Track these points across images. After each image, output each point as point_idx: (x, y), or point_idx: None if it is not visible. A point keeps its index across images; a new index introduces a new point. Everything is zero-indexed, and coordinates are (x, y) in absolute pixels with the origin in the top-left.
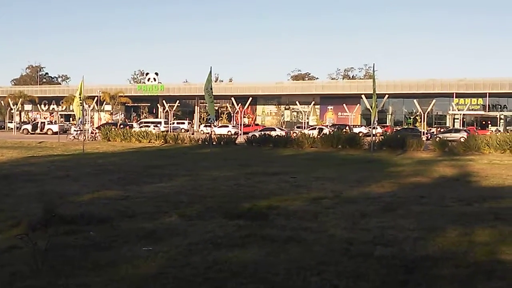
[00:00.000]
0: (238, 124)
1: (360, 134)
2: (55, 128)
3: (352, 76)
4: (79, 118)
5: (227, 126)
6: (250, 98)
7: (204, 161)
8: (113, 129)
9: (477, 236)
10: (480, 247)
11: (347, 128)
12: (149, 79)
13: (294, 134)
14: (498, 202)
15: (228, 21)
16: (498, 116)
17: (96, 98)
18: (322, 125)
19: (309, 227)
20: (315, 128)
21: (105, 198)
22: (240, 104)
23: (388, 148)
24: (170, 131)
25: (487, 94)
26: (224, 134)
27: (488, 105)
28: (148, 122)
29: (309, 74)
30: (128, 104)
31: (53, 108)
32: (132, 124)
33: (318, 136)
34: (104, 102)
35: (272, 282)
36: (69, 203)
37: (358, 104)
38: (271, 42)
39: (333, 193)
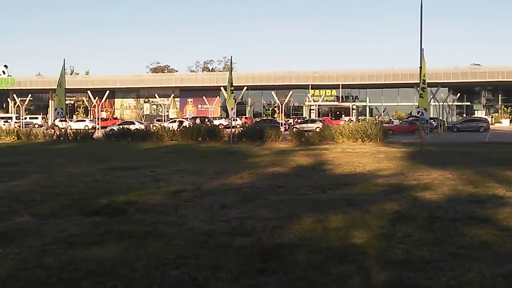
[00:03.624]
0: (95, 118)
1: (220, 126)
2: None
3: (212, 69)
4: None
5: (84, 121)
6: (108, 91)
7: (60, 157)
8: None
9: (330, 222)
10: (334, 233)
11: (207, 120)
12: None
13: (154, 128)
14: (350, 188)
15: (84, 12)
16: (350, 107)
17: None
18: (182, 118)
19: (168, 221)
20: (175, 121)
21: None
22: (97, 97)
23: (248, 140)
24: (22, 127)
25: (340, 85)
26: (80, 129)
27: (341, 96)
28: None
29: (169, 66)
30: None
31: None
32: None
33: (178, 129)
34: None
35: (130, 278)
36: None
37: (218, 97)
38: (129, 35)
39: (193, 186)
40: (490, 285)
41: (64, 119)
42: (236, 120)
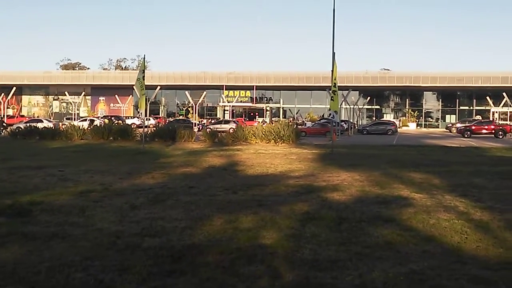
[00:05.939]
0: (0, 116)
1: (133, 126)
2: None
3: (125, 67)
4: None
5: None
6: (15, 88)
7: None
8: None
9: (241, 223)
10: (244, 233)
11: (119, 119)
12: None
13: (64, 126)
14: (261, 189)
15: None
16: (264, 108)
17: None
18: (94, 117)
19: (75, 222)
20: (86, 120)
21: None
22: (3, 94)
23: (160, 140)
24: None
25: (254, 87)
26: None
27: (255, 97)
28: None
29: (80, 63)
30: None
31: None
32: None
33: (89, 128)
34: None
35: (33, 281)
36: None
37: (131, 95)
38: (39, 30)
39: (102, 186)
40: (393, 284)
41: None
42: (149, 119)
